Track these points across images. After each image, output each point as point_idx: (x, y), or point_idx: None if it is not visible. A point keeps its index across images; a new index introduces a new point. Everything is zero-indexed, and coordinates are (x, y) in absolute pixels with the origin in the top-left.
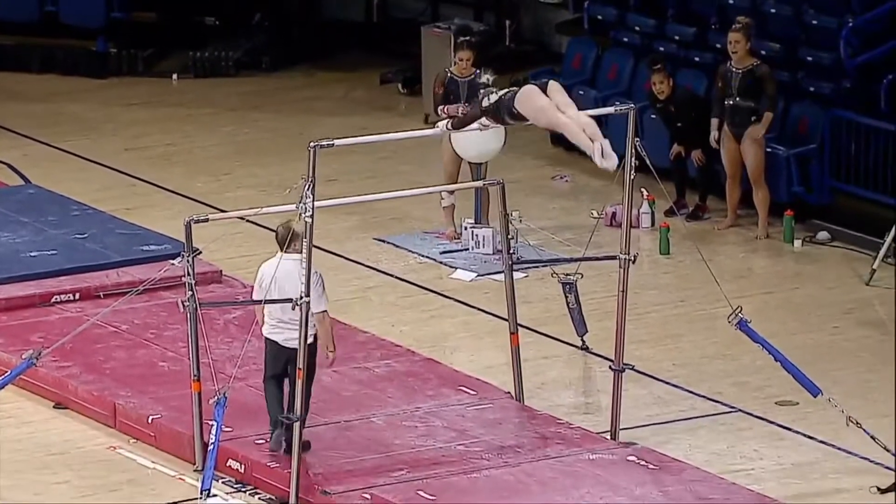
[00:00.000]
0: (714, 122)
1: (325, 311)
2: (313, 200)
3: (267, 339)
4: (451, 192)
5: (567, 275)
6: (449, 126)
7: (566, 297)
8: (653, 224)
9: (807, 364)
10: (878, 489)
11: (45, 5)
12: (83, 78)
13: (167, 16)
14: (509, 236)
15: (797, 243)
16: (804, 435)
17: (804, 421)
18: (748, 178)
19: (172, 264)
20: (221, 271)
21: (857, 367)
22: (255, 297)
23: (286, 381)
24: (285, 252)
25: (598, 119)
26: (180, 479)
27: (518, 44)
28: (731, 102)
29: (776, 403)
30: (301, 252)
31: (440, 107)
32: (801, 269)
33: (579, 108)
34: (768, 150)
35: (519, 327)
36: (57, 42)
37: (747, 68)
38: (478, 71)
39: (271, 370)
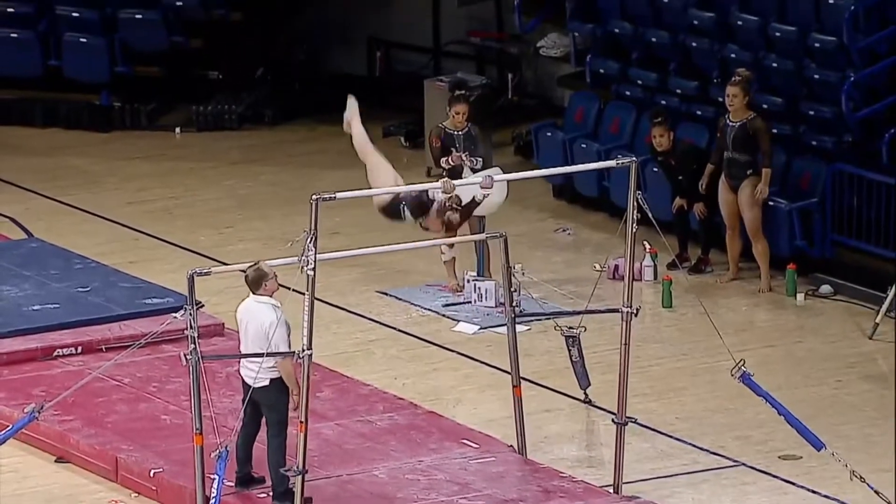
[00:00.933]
0: (708, 168)
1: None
2: (315, 253)
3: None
4: (451, 246)
5: (570, 328)
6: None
7: (569, 350)
8: (655, 277)
9: (810, 418)
10: None
11: (49, 59)
12: (86, 132)
13: (170, 70)
14: (512, 289)
15: (800, 297)
16: (808, 489)
17: (808, 475)
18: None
19: (175, 317)
20: (224, 324)
21: (861, 422)
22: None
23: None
24: (256, 294)
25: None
26: None
27: (521, 97)
28: (727, 155)
29: (780, 457)
30: (272, 294)
31: (443, 159)
32: (803, 322)
33: (580, 161)
34: (770, 203)
35: (521, 380)
36: (60, 96)
37: (742, 122)
38: (469, 124)
39: (244, 418)
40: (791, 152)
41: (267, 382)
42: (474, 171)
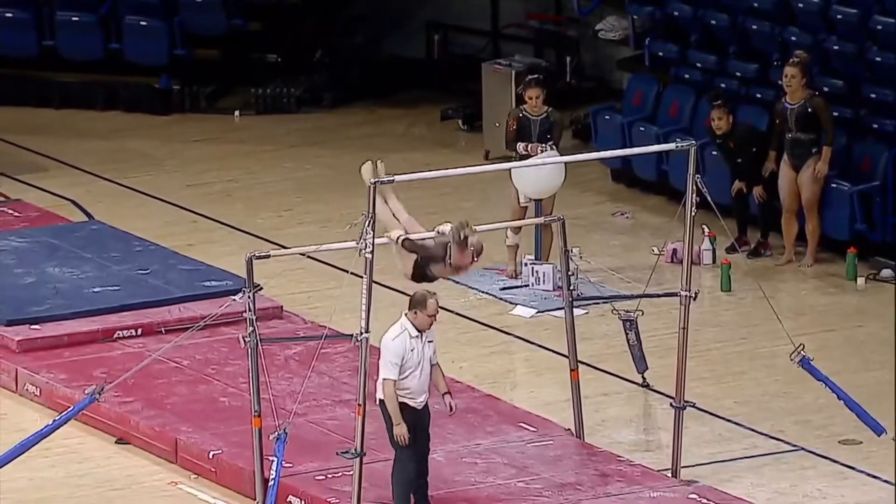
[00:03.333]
0: (771, 154)
1: (386, 379)
2: (373, 237)
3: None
4: (516, 232)
5: (627, 311)
6: (400, 241)
7: (626, 333)
8: (714, 261)
9: (870, 403)
10: None
11: (110, 43)
12: (146, 115)
13: (229, 53)
14: (569, 273)
15: (860, 281)
16: (868, 474)
17: (868, 460)
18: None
19: (234, 300)
20: (282, 307)
21: None
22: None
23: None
24: (407, 312)
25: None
26: None
27: (579, 80)
28: (790, 136)
29: (839, 442)
30: (408, 315)
31: (520, 144)
32: (863, 306)
33: (638, 144)
34: (833, 185)
35: (579, 364)
36: (121, 79)
37: (801, 102)
38: (549, 109)
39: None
40: (852, 135)
41: (378, 401)
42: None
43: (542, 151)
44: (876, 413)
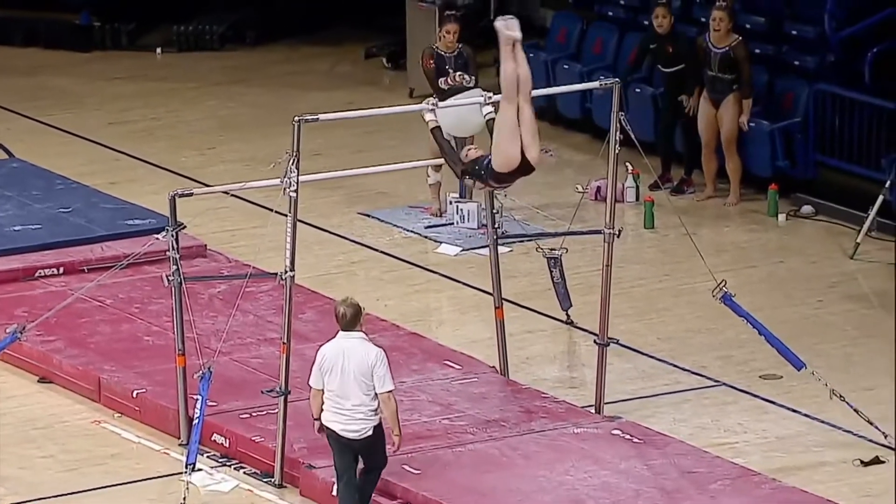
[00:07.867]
0: (697, 90)
1: (391, 391)
2: (297, 175)
3: (325, 426)
4: (437, 170)
5: (552, 249)
6: (434, 103)
7: (551, 271)
8: (637, 198)
9: (791, 338)
10: (861, 462)
11: None
12: (67, 52)
13: None
14: (494, 211)
15: (781, 217)
16: (788, 408)
17: (788, 394)
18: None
19: (157, 238)
20: (206, 245)
21: (841, 341)
22: (312, 380)
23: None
24: (350, 331)
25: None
26: (165, 453)
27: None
28: (711, 74)
29: (760, 377)
30: (362, 329)
31: (440, 80)
32: (785, 243)
33: (563, 82)
34: (752, 124)
35: (504, 302)
36: (40, 15)
37: (725, 49)
38: (460, 45)
39: (340, 468)
40: (773, 72)
41: (370, 433)
42: (468, 89)
43: (466, 81)
44: (796, 348)
